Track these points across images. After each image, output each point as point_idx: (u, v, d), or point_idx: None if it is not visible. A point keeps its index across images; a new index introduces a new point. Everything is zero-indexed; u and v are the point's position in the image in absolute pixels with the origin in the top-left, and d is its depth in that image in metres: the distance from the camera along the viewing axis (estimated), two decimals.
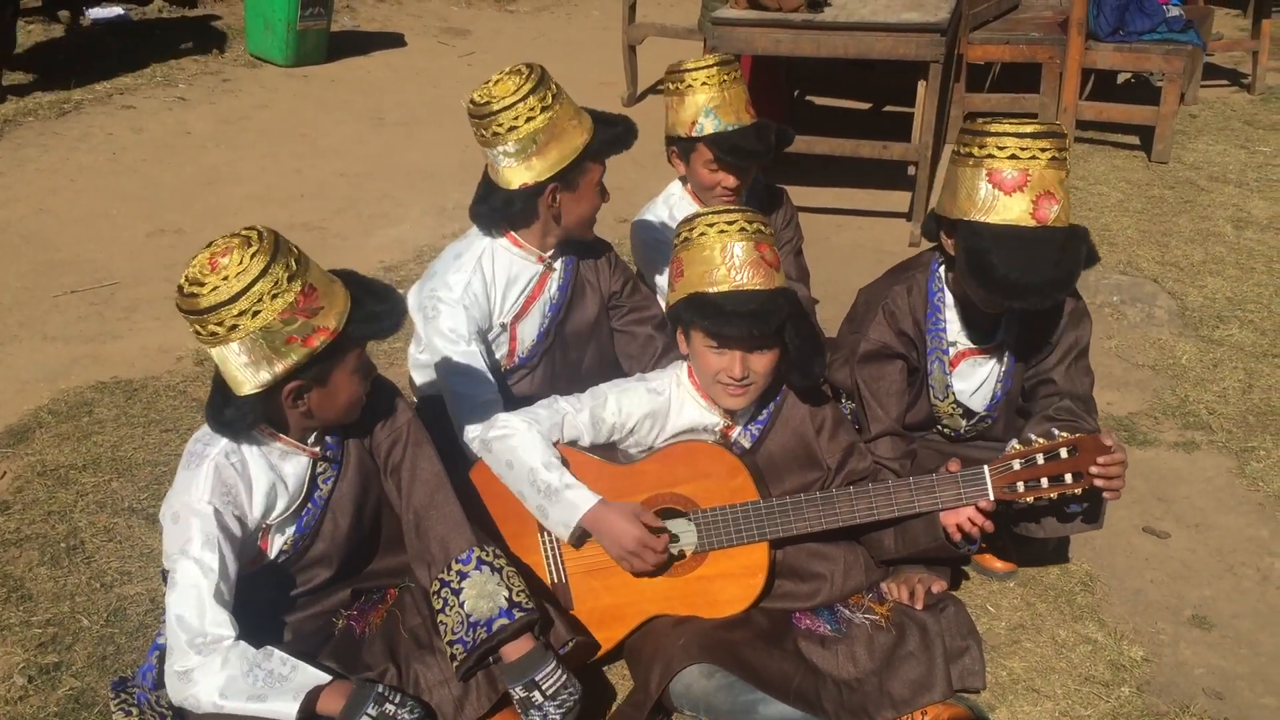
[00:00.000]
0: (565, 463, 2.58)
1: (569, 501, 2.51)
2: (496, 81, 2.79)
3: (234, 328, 2.09)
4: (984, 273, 2.54)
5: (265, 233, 2.15)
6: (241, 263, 2.08)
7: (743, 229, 2.54)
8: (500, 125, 2.76)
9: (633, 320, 3.19)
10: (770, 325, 2.49)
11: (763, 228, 2.58)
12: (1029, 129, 2.51)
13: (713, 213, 2.58)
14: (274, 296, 2.09)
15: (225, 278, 2.07)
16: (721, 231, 2.53)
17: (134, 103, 7.16)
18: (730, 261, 2.51)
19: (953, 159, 2.66)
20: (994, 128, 2.55)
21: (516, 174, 2.82)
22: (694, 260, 2.55)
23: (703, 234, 2.55)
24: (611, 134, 2.91)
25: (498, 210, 2.89)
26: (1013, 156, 2.49)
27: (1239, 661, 2.90)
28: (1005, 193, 2.52)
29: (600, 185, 2.96)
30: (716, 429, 2.72)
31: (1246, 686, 2.82)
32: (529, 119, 2.75)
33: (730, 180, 3.35)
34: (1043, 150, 2.48)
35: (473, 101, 2.80)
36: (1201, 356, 4.45)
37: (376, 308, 2.26)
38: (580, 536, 2.58)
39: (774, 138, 3.35)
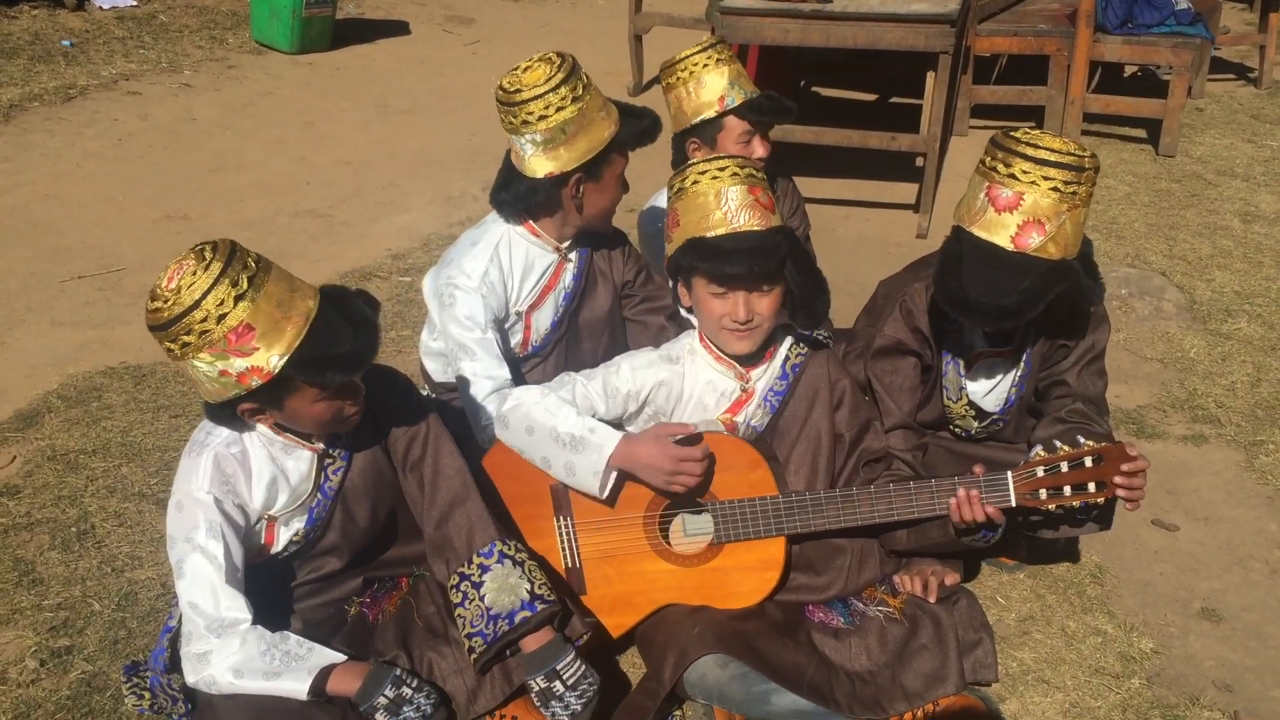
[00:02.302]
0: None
1: (595, 444, 2.49)
2: (526, 69, 2.77)
3: (169, 351, 2.08)
4: (947, 280, 2.54)
5: (214, 255, 2.05)
6: (179, 290, 2.02)
7: (735, 174, 2.52)
8: (530, 114, 2.74)
9: (645, 310, 3.19)
10: (771, 261, 2.47)
11: (755, 172, 2.57)
12: (1043, 155, 2.42)
13: (703, 161, 2.57)
14: (202, 334, 2.03)
15: (167, 300, 2.03)
16: (714, 178, 2.52)
17: (139, 89, 7.16)
18: (726, 206, 2.49)
19: (976, 165, 2.64)
20: (1011, 144, 2.47)
21: (542, 163, 2.80)
22: (689, 209, 2.53)
23: (695, 182, 2.53)
24: (639, 127, 2.91)
25: (521, 198, 2.87)
26: (1013, 176, 2.44)
27: (1248, 654, 2.91)
28: (996, 210, 2.48)
29: (621, 177, 2.96)
30: (734, 393, 2.71)
31: (1255, 679, 2.83)
32: (559, 109, 2.73)
33: (761, 148, 3.39)
34: (1045, 179, 2.41)
35: (501, 88, 2.78)
36: (1210, 350, 4.45)
37: (332, 350, 2.11)
38: (615, 484, 2.54)
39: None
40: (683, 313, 2.78)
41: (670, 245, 2.61)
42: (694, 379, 2.70)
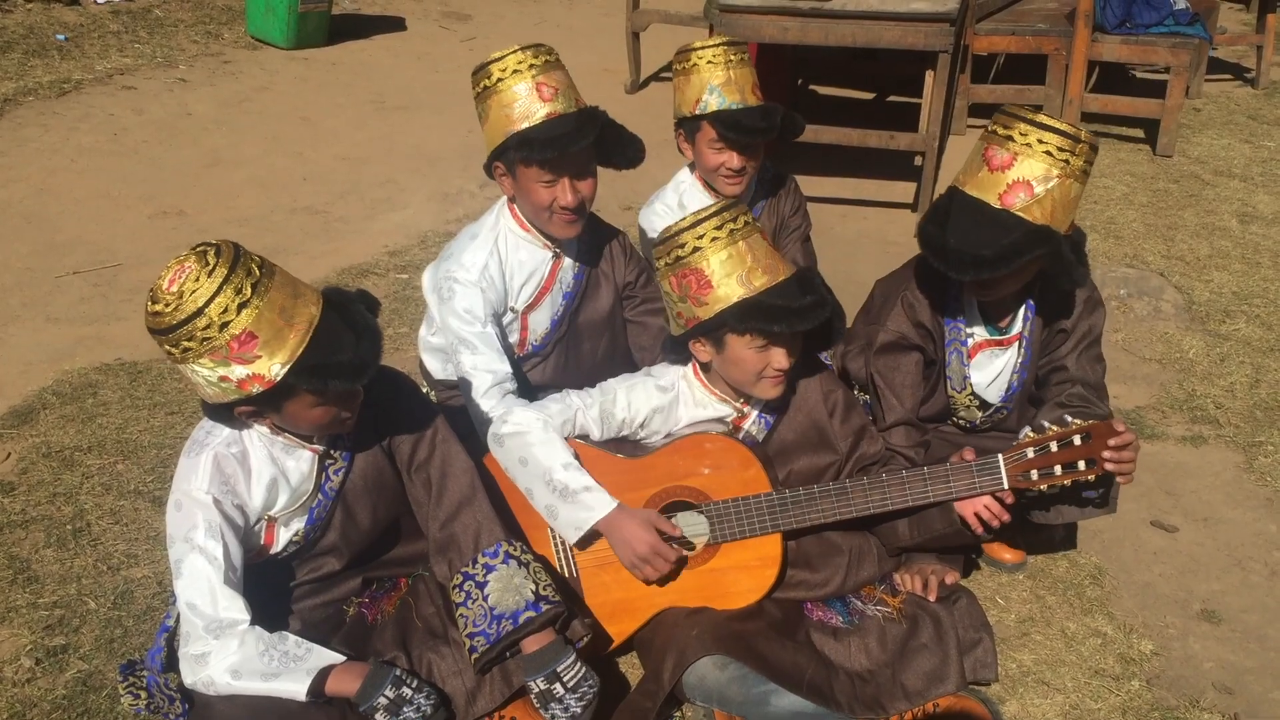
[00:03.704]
0: (579, 459, 2.56)
1: (585, 504, 2.49)
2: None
3: (169, 354, 2.06)
4: (930, 227, 2.62)
5: (218, 260, 2.02)
6: (180, 294, 1.99)
7: (747, 223, 2.48)
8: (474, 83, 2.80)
9: (645, 311, 3.17)
10: (829, 309, 2.46)
11: (751, 219, 2.52)
12: (1043, 120, 2.51)
13: (700, 222, 2.47)
14: (204, 340, 2.01)
15: (169, 304, 2.01)
16: (731, 232, 2.45)
17: (134, 84, 7.13)
18: (755, 261, 2.45)
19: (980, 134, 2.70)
20: (1016, 109, 2.57)
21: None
22: (716, 269, 2.44)
23: (715, 239, 2.45)
24: (533, 135, 2.68)
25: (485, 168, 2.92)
26: (1010, 138, 2.53)
27: (1248, 656, 2.90)
28: (990, 170, 2.56)
29: (546, 187, 2.77)
30: (729, 420, 2.70)
31: (1255, 680, 2.82)
32: (485, 87, 2.75)
33: (734, 160, 3.27)
34: (1040, 142, 2.49)
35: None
36: (1208, 351, 4.45)
37: (334, 358, 2.08)
38: (588, 539, 2.55)
39: (780, 120, 3.29)
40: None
41: (704, 309, 2.47)
42: (688, 406, 2.70)
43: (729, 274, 2.45)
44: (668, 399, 2.68)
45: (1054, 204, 2.52)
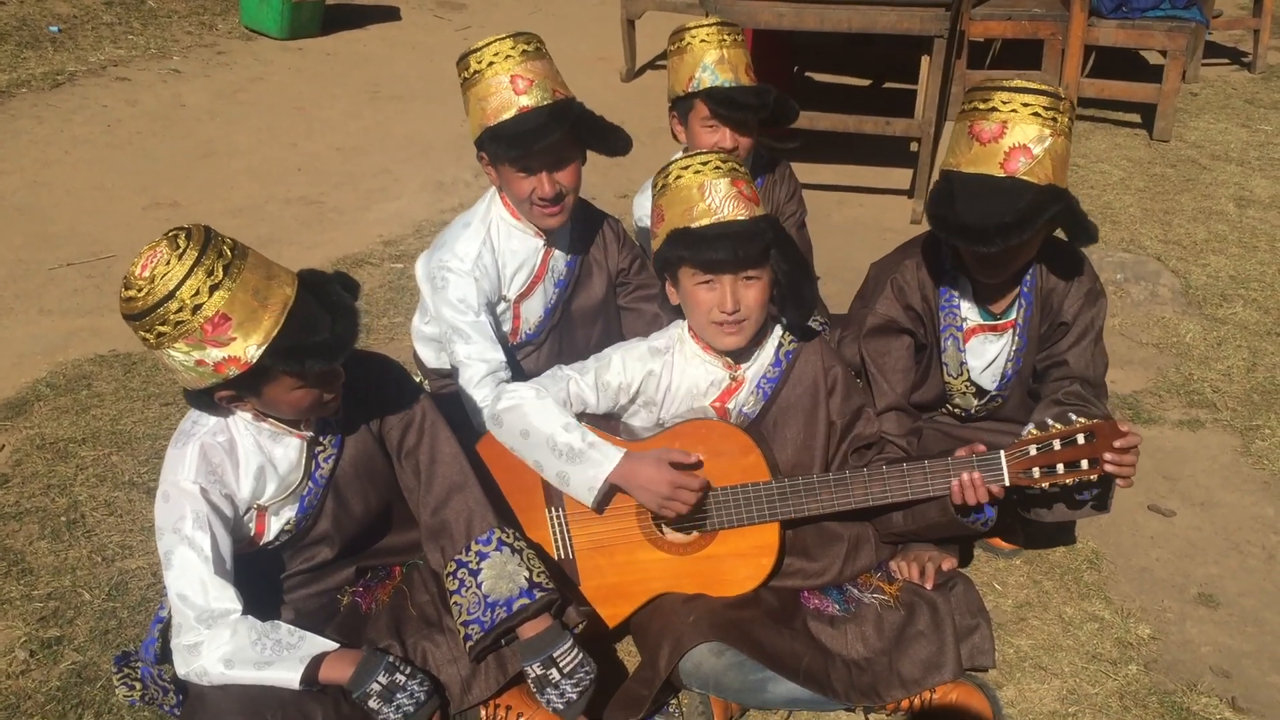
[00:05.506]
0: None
1: (594, 460, 2.49)
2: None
3: (144, 340, 2.05)
4: (940, 212, 2.58)
5: (189, 243, 2.01)
6: (153, 279, 1.99)
7: (718, 167, 2.52)
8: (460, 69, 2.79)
9: (639, 298, 3.16)
10: (756, 245, 2.46)
11: (737, 166, 2.57)
12: (1018, 85, 2.52)
13: (687, 157, 2.57)
14: (177, 324, 2.00)
15: (141, 289, 2.00)
16: (697, 172, 2.52)
17: (128, 75, 7.10)
18: (710, 198, 2.49)
19: (956, 117, 2.69)
20: (986, 83, 2.57)
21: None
22: (674, 202, 2.53)
23: (679, 177, 2.53)
24: (502, 132, 2.68)
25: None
26: (993, 109, 2.52)
27: (1245, 640, 2.90)
28: (981, 143, 2.54)
29: (524, 179, 2.77)
30: (724, 382, 2.69)
31: (1253, 664, 2.82)
32: (464, 78, 2.76)
33: (727, 139, 3.25)
34: (1025, 105, 2.49)
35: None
36: (1205, 335, 4.44)
37: (310, 339, 2.07)
38: (605, 498, 2.55)
39: (772, 99, 3.27)
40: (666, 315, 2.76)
41: (656, 240, 2.59)
42: (683, 368, 2.69)
43: (680, 208, 2.51)
44: (660, 363, 2.67)
45: (1052, 163, 2.51)
